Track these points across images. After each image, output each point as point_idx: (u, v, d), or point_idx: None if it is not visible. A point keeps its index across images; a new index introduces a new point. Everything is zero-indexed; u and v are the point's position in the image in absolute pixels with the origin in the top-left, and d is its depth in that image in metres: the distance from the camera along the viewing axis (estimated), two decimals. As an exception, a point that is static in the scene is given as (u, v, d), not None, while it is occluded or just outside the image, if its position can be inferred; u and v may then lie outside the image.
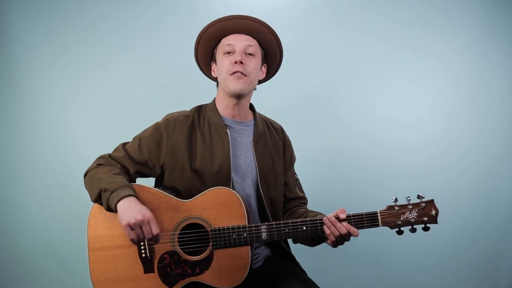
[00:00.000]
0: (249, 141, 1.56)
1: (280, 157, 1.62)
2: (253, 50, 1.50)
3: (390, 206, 1.38)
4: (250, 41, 1.51)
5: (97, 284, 1.37)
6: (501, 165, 2.52)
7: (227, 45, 1.50)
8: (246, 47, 1.49)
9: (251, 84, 1.51)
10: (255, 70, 1.51)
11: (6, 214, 2.41)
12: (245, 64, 1.47)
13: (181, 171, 1.47)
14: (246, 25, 1.50)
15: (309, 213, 1.55)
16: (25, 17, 2.42)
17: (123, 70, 2.46)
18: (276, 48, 1.57)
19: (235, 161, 1.52)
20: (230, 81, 1.47)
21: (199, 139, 1.50)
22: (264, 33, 1.52)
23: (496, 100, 2.52)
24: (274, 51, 1.58)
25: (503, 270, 2.53)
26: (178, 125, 1.49)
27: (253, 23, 1.50)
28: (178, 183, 1.47)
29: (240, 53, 1.47)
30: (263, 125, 1.61)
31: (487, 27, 2.49)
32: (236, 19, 1.50)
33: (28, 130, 2.43)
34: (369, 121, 2.50)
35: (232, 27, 1.50)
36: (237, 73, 1.45)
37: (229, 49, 1.49)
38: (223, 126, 1.52)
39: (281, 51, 1.58)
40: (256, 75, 1.53)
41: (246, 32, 1.51)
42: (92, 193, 1.40)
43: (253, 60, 1.50)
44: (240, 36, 1.50)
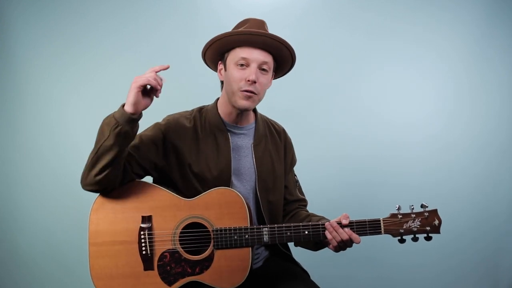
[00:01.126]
0: (249, 144, 1.55)
1: (281, 160, 1.61)
2: (267, 67, 1.45)
3: (393, 214, 1.38)
4: (266, 58, 1.45)
5: (97, 279, 1.37)
6: (501, 165, 2.53)
7: (242, 58, 1.43)
8: (261, 64, 1.44)
9: (259, 99, 1.49)
10: (266, 86, 1.48)
11: (6, 214, 2.41)
12: (257, 83, 1.43)
13: (181, 174, 1.46)
14: (265, 41, 1.43)
15: (312, 217, 1.53)
16: (25, 17, 2.42)
17: (123, 70, 2.45)
18: (288, 62, 1.53)
19: (236, 165, 1.51)
20: (239, 98, 1.44)
21: (200, 143, 1.49)
22: (281, 50, 1.47)
23: (496, 100, 2.53)
24: (286, 63, 1.54)
25: (503, 268, 2.54)
26: (178, 127, 1.49)
27: (273, 41, 1.43)
28: (178, 184, 1.47)
29: (255, 71, 1.42)
30: (264, 127, 1.60)
31: (488, 27, 2.49)
32: (255, 35, 1.42)
33: (28, 130, 2.43)
34: (369, 121, 2.50)
35: (250, 41, 1.43)
36: (248, 92, 1.42)
37: (244, 62, 1.43)
38: (224, 130, 1.51)
39: (293, 65, 1.55)
40: (265, 90, 1.50)
41: (263, 47, 1.45)
42: (92, 151, 1.35)
43: (265, 76, 1.46)
44: (257, 52, 1.43)
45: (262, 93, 1.48)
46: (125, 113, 1.29)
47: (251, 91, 1.42)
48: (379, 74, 2.51)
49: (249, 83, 1.41)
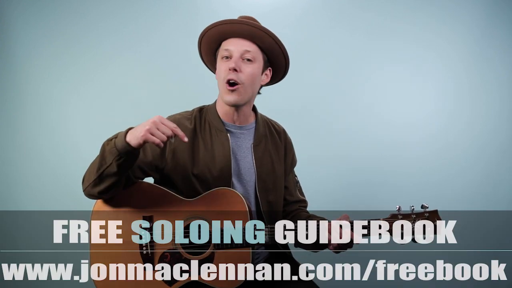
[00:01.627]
0: (249, 145, 1.54)
1: (281, 160, 1.61)
2: (251, 56, 1.44)
3: (394, 214, 1.36)
4: (248, 46, 1.44)
5: (97, 279, 1.37)
6: (501, 164, 2.53)
7: (225, 50, 1.45)
8: (243, 53, 1.43)
9: (247, 92, 1.46)
10: (252, 76, 1.45)
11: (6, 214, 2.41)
12: (240, 71, 1.42)
13: (182, 175, 1.46)
14: (244, 30, 1.44)
15: (312, 218, 1.53)
16: (25, 17, 2.42)
17: (123, 70, 2.46)
18: (278, 52, 1.51)
19: (235, 166, 1.51)
20: (224, 92, 1.44)
21: (200, 143, 1.49)
22: (263, 38, 1.45)
23: (496, 100, 2.53)
24: (277, 55, 1.52)
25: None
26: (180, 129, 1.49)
27: (251, 28, 1.44)
28: (179, 185, 1.47)
29: (236, 60, 1.42)
30: (264, 128, 1.60)
31: (488, 27, 2.49)
32: (233, 24, 1.44)
33: (28, 130, 2.43)
34: (369, 121, 2.50)
35: (231, 31, 1.45)
36: (231, 84, 1.42)
37: (227, 54, 1.45)
38: (223, 131, 1.51)
39: (285, 55, 1.52)
40: (254, 81, 1.47)
41: (245, 37, 1.45)
42: (92, 170, 1.33)
43: (250, 65, 1.44)
44: (238, 41, 1.44)
45: (249, 83, 1.45)
46: (128, 147, 1.25)
47: (233, 79, 1.41)
48: (379, 74, 2.51)
49: (230, 72, 1.41)
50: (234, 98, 1.44)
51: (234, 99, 1.44)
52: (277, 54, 1.50)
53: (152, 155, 1.45)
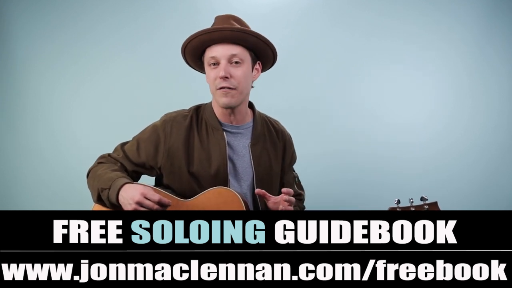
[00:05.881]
0: (246, 144, 1.55)
1: (279, 159, 1.61)
2: (238, 58, 1.44)
3: (392, 208, 1.37)
4: (233, 50, 1.44)
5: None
6: (501, 165, 2.52)
7: (211, 57, 1.45)
8: (230, 57, 1.43)
9: (241, 94, 1.47)
10: (244, 77, 1.46)
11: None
12: (231, 77, 1.42)
13: (178, 174, 1.47)
14: (226, 35, 1.43)
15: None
16: (25, 17, 2.42)
17: (123, 70, 2.46)
18: (264, 46, 1.49)
19: (232, 165, 1.51)
20: (218, 96, 1.45)
21: (196, 142, 1.49)
22: (246, 38, 1.45)
23: (496, 100, 2.53)
24: (263, 49, 1.51)
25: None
26: (175, 127, 1.49)
27: (232, 32, 1.43)
28: (175, 184, 1.47)
29: (225, 66, 1.42)
30: (262, 126, 1.60)
31: (488, 27, 2.49)
32: (213, 32, 1.44)
33: (28, 130, 2.43)
34: (369, 121, 2.50)
35: (212, 40, 1.44)
36: (224, 89, 1.43)
37: (213, 61, 1.45)
38: (220, 130, 1.51)
39: (270, 46, 1.50)
40: (247, 82, 1.48)
41: (227, 42, 1.44)
42: (93, 192, 1.43)
43: (240, 68, 1.44)
44: (223, 47, 1.44)
45: (242, 86, 1.46)
46: (118, 206, 1.36)
47: (226, 87, 1.42)
48: (379, 74, 2.51)
49: (222, 80, 1.42)
50: (229, 101, 1.45)
51: (229, 101, 1.45)
52: (263, 48, 1.50)
53: (149, 156, 1.46)
